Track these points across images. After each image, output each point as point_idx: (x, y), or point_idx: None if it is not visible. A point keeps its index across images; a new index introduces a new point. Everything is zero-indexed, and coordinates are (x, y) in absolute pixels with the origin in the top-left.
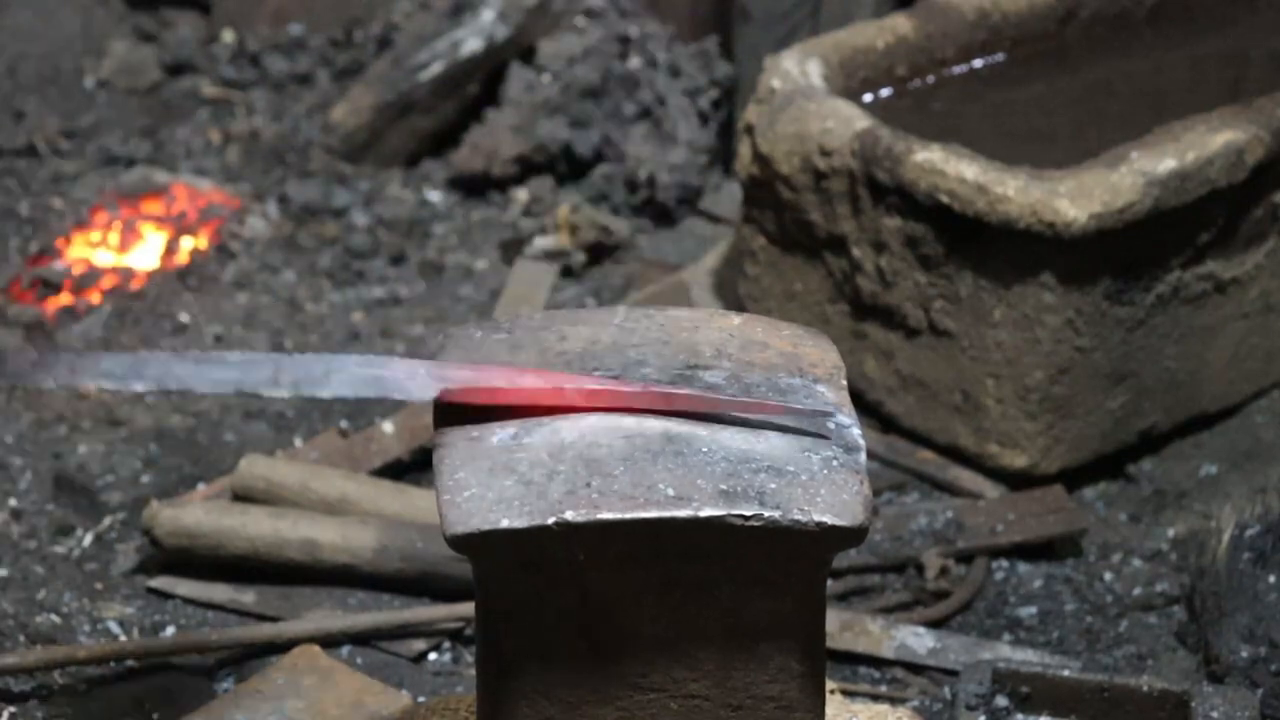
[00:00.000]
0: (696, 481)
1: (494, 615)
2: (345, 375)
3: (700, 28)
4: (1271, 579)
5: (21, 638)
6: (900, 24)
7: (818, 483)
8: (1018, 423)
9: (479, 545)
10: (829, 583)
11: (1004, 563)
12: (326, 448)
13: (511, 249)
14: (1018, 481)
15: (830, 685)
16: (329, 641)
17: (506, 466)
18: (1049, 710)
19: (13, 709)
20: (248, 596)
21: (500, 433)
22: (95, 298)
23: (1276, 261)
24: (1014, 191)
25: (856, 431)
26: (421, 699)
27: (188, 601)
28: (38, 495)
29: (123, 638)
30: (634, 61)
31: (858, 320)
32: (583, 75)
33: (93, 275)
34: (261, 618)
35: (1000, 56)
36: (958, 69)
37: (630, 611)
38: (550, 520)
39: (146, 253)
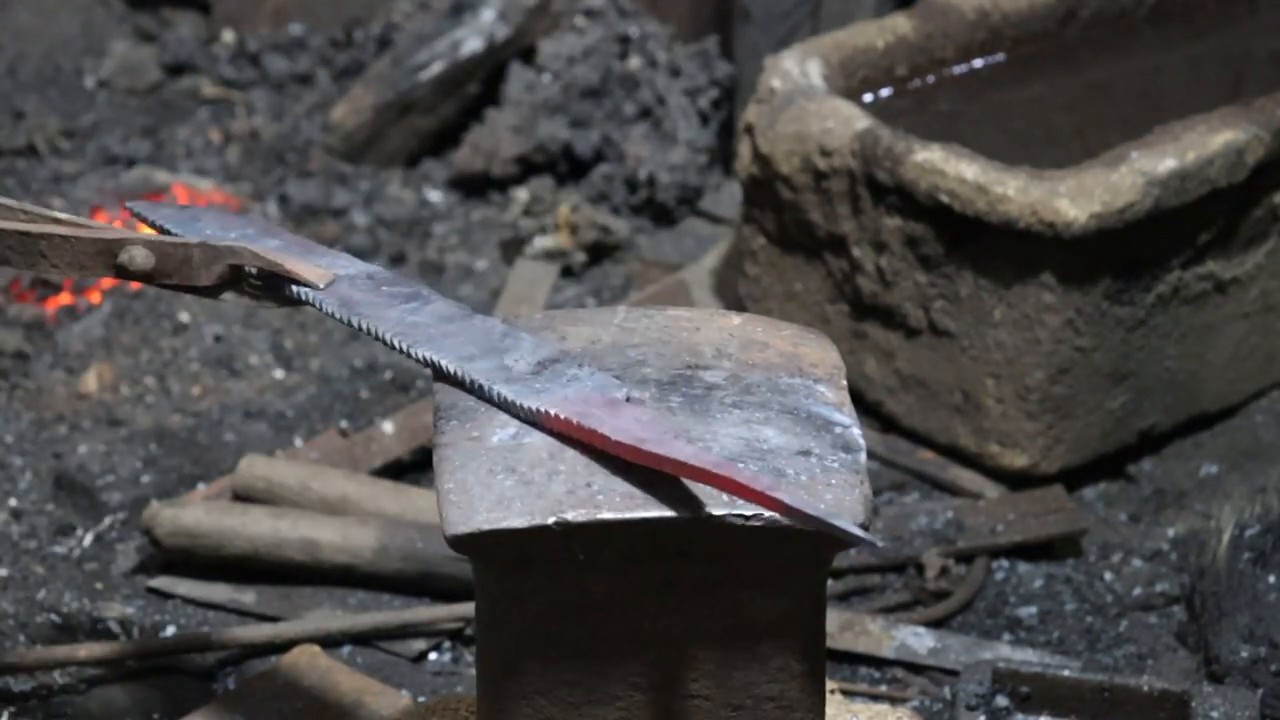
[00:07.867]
0: None
1: (494, 615)
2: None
3: (700, 28)
4: (1271, 579)
5: (21, 638)
6: (900, 24)
7: (818, 483)
8: (1018, 423)
9: (479, 545)
10: (829, 583)
11: (1004, 563)
12: (326, 448)
13: (511, 249)
14: (1018, 481)
15: (830, 685)
16: (329, 641)
17: (506, 466)
18: (1049, 710)
19: (13, 709)
20: (248, 596)
21: (500, 433)
22: (95, 298)
23: (1276, 261)
24: (1014, 191)
25: (856, 431)
26: (421, 699)
27: (188, 601)
28: (38, 495)
29: (123, 638)
30: (634, 61)
31: (858, 320)
32: (583, 75)
33: None
34: (261, 618)
35: (1000, 56)
36: (958, 69)
37: (630, 611)
38: (550, 520)
39: None
